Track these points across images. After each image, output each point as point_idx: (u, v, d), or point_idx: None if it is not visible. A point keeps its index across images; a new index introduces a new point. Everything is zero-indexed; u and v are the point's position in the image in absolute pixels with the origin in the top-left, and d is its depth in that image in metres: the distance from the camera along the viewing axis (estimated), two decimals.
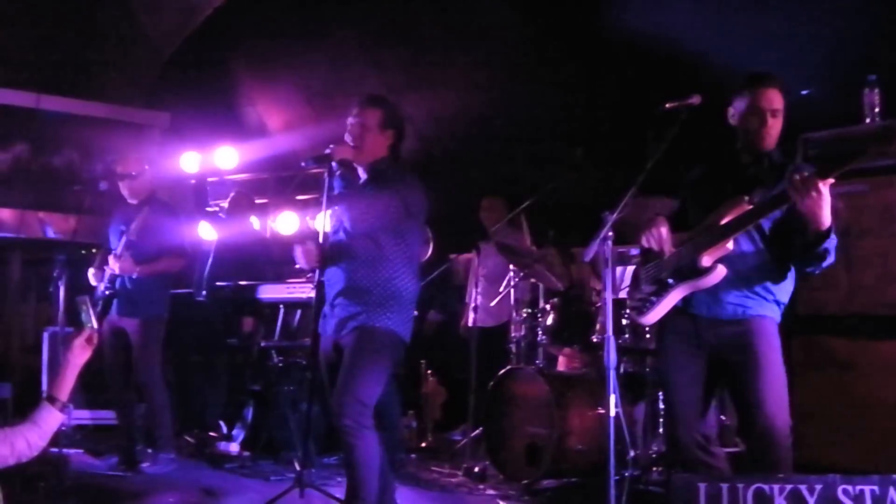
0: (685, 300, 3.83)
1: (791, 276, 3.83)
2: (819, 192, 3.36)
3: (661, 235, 3.87)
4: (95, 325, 3.58)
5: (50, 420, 3.42)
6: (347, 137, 4.41)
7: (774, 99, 3.77)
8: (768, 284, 3.78)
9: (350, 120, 4.44)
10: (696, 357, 3.84)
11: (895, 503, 3.16)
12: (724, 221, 3.70)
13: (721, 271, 3.69)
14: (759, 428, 3.62)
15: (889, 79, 5.09)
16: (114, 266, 6.15)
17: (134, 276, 6.19)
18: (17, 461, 3.35)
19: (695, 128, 3.83)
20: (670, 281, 3.82)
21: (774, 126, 3.78)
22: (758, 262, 3.77)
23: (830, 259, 3.58)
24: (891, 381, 4.78)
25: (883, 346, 4.85)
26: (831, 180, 3.38)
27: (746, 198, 3.69)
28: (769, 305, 3.79)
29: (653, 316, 3.87)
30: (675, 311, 3.86)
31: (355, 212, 4.32)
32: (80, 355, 3.51)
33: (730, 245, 3.69)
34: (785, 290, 3.83)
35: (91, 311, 3.66)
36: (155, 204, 6.37)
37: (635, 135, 4.00)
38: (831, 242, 3.52)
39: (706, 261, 3.71)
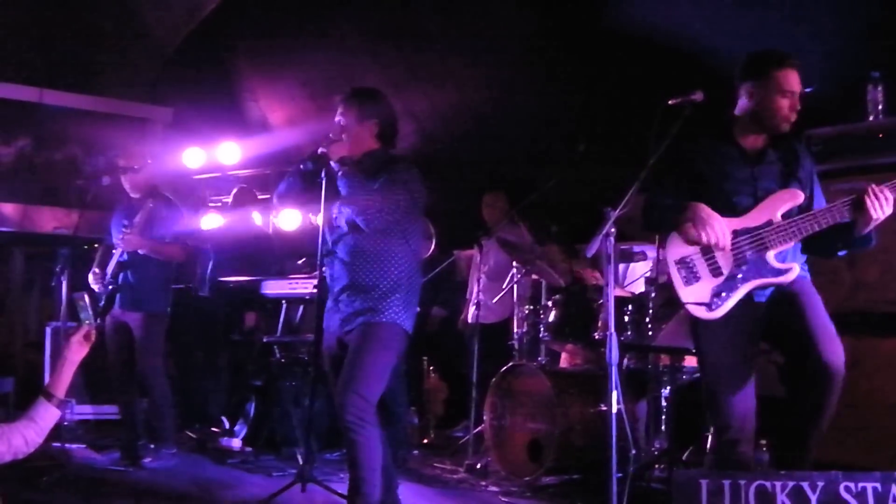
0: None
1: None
2: (893, 206, 3.51)
3: (723, 230, 3.81)
4: (93, 322, 3.59)
5: (47, 416, 3.43)
6: (331, 135, 4.47)
7: (797, 79, 3.87)
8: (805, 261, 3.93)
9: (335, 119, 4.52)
10: (744, 336, 3.85)
11: None
12: (781, 215, 3.77)
13: (795, 271, 3.76)
14: (814, 363, 3.61)
15: (893, 75, 5.08)
16: (120, 244, 6.16)
17: (141, 252, 6.17)
18: (13, 458, 3.37)
19: (696, 123, 3.84)
20: (739, 276, 3.81)
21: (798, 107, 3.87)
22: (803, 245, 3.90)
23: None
24: (894, 377, 4.77)
25: (886, 343, 4.83)
26: None
27: (801, 192, 3.79)
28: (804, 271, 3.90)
29: (722, 311, 3.82)
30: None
31: (371, 210, 4.29)
32: (77, 352, 3.53)
33: (797, 242, 3.78)
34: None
35: (89, 308, 3.67)
36: (158, 198, 6.38)
37: (637, 130, 3.99)
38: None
39: (779, 258, 3.77)
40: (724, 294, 3.81)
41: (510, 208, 6.90)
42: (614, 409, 3.70)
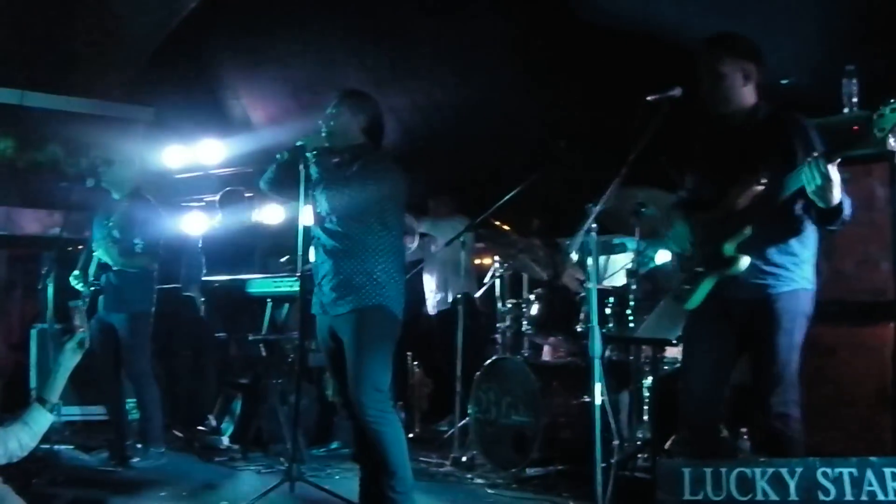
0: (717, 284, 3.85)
1: (811, 229, 3.81)
2: (828, 177, 3.38)
3: (678, 238, 3.92)
4: (87, 331, 3.64)
5: (40, 420, 3.48)
6: (321, 126, 4.55)
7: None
8: (790, 248, 3.78)
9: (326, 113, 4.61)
10: (723, 333, 3.86)
11: (872, 484, 3.24)
12: (739, 207, 3.72)
13: (745, 261, 3.70)
14: (765, 409, 3.67)
15: (869, 68, 5.15)
16: (99, 253, 6.21)
17: (115, 268, 6.22)
18: (8, 461, 3.42)
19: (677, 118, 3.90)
20: (700, 269, 3.85)
21: None
22: (775, 231, 3.76)
23: (846, 216, 3.60)
24: (871, 366, 4.83)
25: (863, 332, 4.90)
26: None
27: (756, 178, 3.69)
28: (791, 275, 3.77)
29: (692, 303, 3.87)
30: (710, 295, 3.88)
31: (344, 197, 4.41)
32: (71, 358, 3.58)
33: (748, 231, 3.70)
34: (807, 244, 3.82)
35: (84, 317, 3.72)
36: (137, 199, 6.41)
37: (618, 126, 4.05)
38: (845, 204, 3.54)
39: (730, 249, 3.72)
40: (687, 287, 3.89)
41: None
42: (598, 401, 3.77)
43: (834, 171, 3.38)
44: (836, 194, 3.44)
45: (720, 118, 3.92)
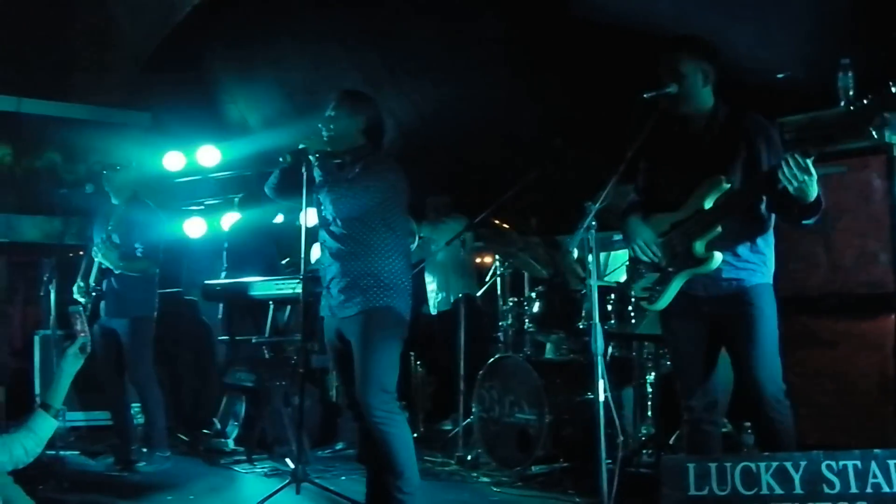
0: (686, 282, 3.88)
1: (771, 228, 3.89)
2: (809, 172, 3.42)
3: (643, 244, 3.95)
4: (89, 336, 3.66)
5: (45, 426, 3.51)
6: (321, 129, 4.56)
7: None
8: (757, 247, 3.84)
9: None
10: (697, 330, 3.90)
11: (877, 476, 3.26)
12: (708, 205, 3.75)
13: (718, 258, 3.75)
14: (752, 391, 3.72)
15: (864, 62, 5.16)
16: (97, 256, 6.22)
17: (116, 271, 6.23)
18: (14, 467, 3.44)
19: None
20: (670, 269, 3.87)
21: None
22: (743, 230, 3.82)
23: (819, 212, 3.64)
24: (872, 358, 4.85)
25: (863, 325, 4.92)
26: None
27: (724, 178, 3.73)
28: (762, 270, 3.85)
29: (662, 303, 3.91)
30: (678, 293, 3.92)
31: (348, 200, 4.42)
32: (73, 364, 3.60)
33: (719, 228, 3.74)
34: (769, 242, 3.90)
35: (85, 322, 3.74)
36: (136, 203, 6.43)
37: (615, 124, 4.06)
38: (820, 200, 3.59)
39: (701, 247, 3.76)
40: (659, 287, 3.91)
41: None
42: (601, 398, 3.78)
43: (812, 167, 3.43)
44: (815, 188, 3.50)
45: (680, 120, 3.96)
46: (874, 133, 3.44)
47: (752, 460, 3.39)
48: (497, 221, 6.62)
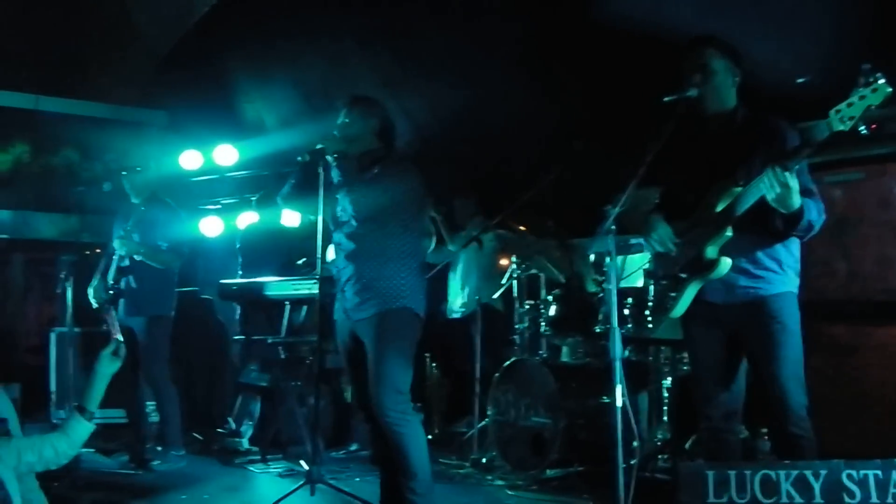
0: (701, 289, 3.85)
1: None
2: (786, 185, 3.40)
3: (661, 238, 3.93)
4: (121, 338, 3.66)
5: (79, 429, 3.51)
6: (336, 134, 4.61)
7: None
8: (776, 253, 3.79)
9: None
10: (717, 339, 3.87)
11: None
12: (719, 209, 3.72)
13: (727, 263, 3.71)
14: (774, 406, 3.69)
15: (885, 66, 5.13)
16: (117, 246, 6.22)
17: (137, 258, 6.23)
18: (44, 468, 3.44)
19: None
20: (683, 276, 3.86)
21: None
22: (761, 235, 3.75)
23: (816, 227, 3.63)
24: (891, 365, 4.84)
25: (882, 332, 4.90)
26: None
27: (736, 181, 3.70)
28: (781, 278, 3.80)
29: (678, 310, 3.90)
30: (694, 300, 3.89)
31: (367, 200, 4.46)
32: (108, 366, 3.60)
33: (729, 233, 3.71)
34: (792, 250, 3.84)
35: (116, 324, 3.75)
36: (155, 201, 6.44)
37: (635, 127, 4.05)
38: (811, 214, 3.57)
39: (713, 252, 3.73)
40: (673, 294, 3.90)
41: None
42: (619, 403, 3.77)
43: (792, 179, 3.41)
44: (796, 200, 3.47)
45: (699, 123, 3.94)
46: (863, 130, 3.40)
47: (771, 468, 3.36)
48: (513, 224, 6.62)
